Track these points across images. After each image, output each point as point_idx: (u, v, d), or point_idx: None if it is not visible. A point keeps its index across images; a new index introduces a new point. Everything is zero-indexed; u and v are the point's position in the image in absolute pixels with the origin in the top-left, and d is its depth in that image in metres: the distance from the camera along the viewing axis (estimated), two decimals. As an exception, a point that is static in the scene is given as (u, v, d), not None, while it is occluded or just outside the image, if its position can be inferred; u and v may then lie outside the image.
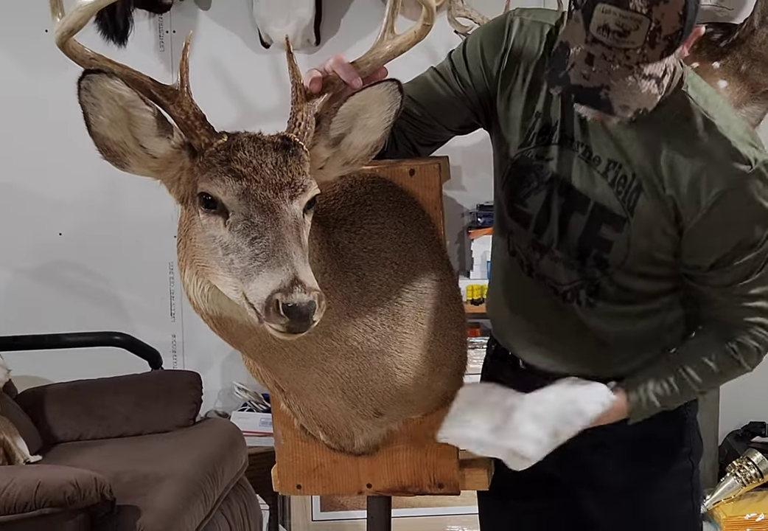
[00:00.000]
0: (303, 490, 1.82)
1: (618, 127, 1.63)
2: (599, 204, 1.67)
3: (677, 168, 1.63)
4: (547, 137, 1.69)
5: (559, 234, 1.72)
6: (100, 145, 1.37)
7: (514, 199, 1.75)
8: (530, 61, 1.70)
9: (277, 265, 1.29)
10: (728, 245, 1.66)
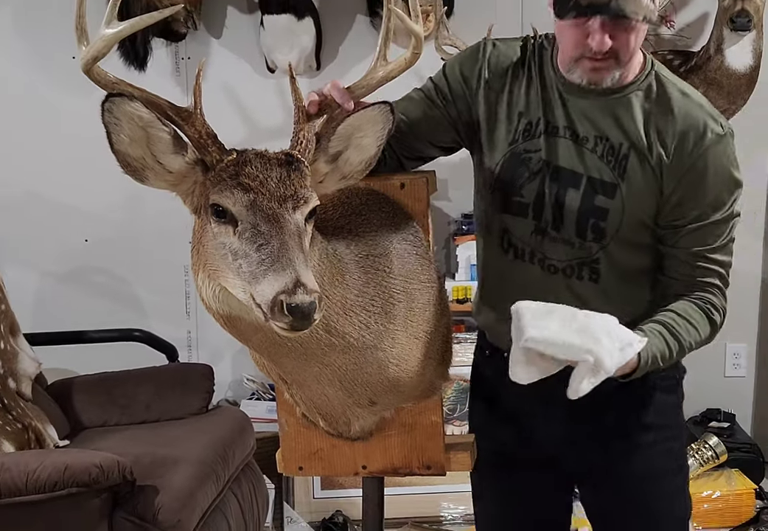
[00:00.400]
0: (304, 471, 1.82)
1: (597, 110, 1.70)
2: (591, 177, 1.70)
3: (663, 131, 1.68)
4: (532, 132, 1.74)
5: (557, 214, 1.73)
6: (121, 161, 1.38)
7: (510, 192, 1.76)
8: (506, 69, 1.78)
9: (281, 268, 1.29)
10: (701, 202, 1.68)
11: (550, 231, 1.75)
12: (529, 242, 1.77)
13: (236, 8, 3.87)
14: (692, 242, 1.71)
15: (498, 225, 1.81)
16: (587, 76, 1.66)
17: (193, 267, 1.47)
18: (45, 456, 2.48)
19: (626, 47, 1.63)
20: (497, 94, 1.78)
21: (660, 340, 1.65)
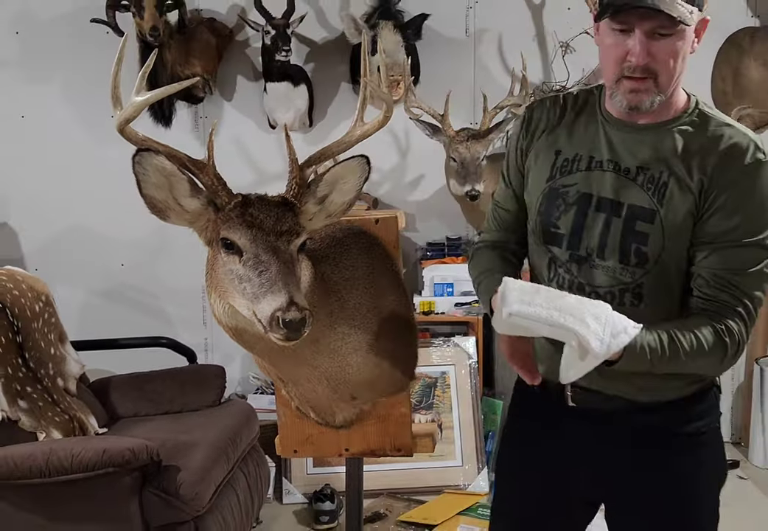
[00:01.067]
0: (299, 453, 1.82)
1: (639, 143, 1.49)
2: (632, 205, 1.48)
3: (706, 155, 1.45)
4: (569, 168, 1.54)
5: (600, 242, 1.51)
6: (148, 203, 1.38)
7: (548, 224, 1.56)
8: (546, 119, 1.60)
9: (278, 290, 1.30)
10: (733, 221, 1.43)
11: (591, 259, 1.52)
12: (569, 271, 1.55)
13: (244, 77, 3.88)
14: (718, 262, 1.44)
15: (539, 256, 1.61)
16: (627, 99, 1.44)
17: (207, 288, 1.47)
18: (87, 442, 2.47)
19: (665, 66, 1.41)
20: (538, 141, 1.60)
21: (655, 338, 1.40)
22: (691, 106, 1.50)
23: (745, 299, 1.44)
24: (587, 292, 1.52)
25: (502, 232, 1.72)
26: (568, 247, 1.54)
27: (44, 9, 3.78)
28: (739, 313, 1.44)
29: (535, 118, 1.61)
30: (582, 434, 1.59)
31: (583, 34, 3.63)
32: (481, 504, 3.21)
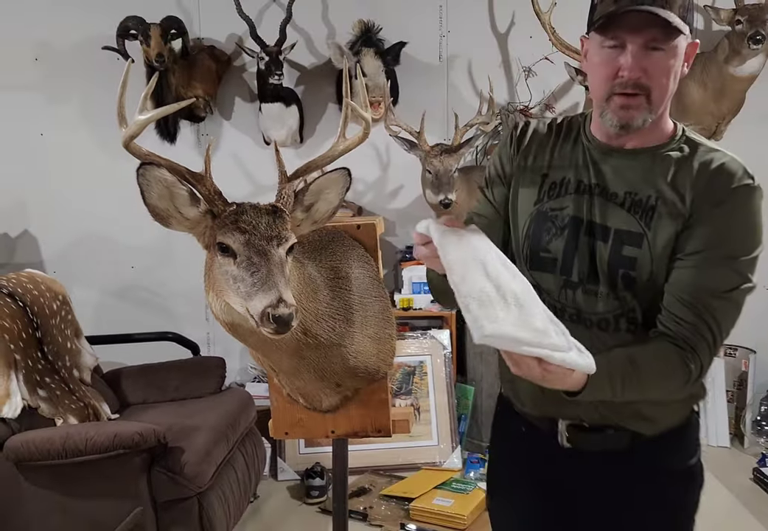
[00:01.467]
0: (289, 435, 1.80)
1: (627, 168, 1.32)
2: (619, 229, 1.30)
3: (695, 178, 1.28)
4: (557, 191, 1.37)
5: (589, 267, 1.33)
6: (151, 211, 1.36)
7: (537, 248, 1.38)
8: (533, 140, 1.42)
9: (268, 289, 1.28)
10: (712, 239, 1.26)
11: (583, 285, 1.34)
12: (560, 298, 1.36)
13: (241, 98, 3.86)
14: (693, 279, 1.26)
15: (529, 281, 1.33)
16: (617, 116, 1.26)
17: (205, 288, 1.46)
18: (100, 426, 2.44)
19: (657, 82, 1.24)
20: (524, 160, 1.42)
21: (618, 364, 1.24)
22: (679, 133, 1.34)
23: (713, 326, 1.26)
24: (580, 319, 1.34)
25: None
26: (561, 272, 1.36)
27: (60, 38, 3.76)
28: (706, 340, 1.26)
29: (528, 133, 1.43)
30: (576, 475, 1.40)
31: (543, 60, 3.65)
32: (455, 479, 3.20)
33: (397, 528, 2.89)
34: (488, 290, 1.14)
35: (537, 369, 1.13)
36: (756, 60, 3.32)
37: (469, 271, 1.17)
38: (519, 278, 1.20)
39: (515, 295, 1.14)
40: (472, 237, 1.25)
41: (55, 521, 2.33)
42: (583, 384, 1.19)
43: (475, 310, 1.11)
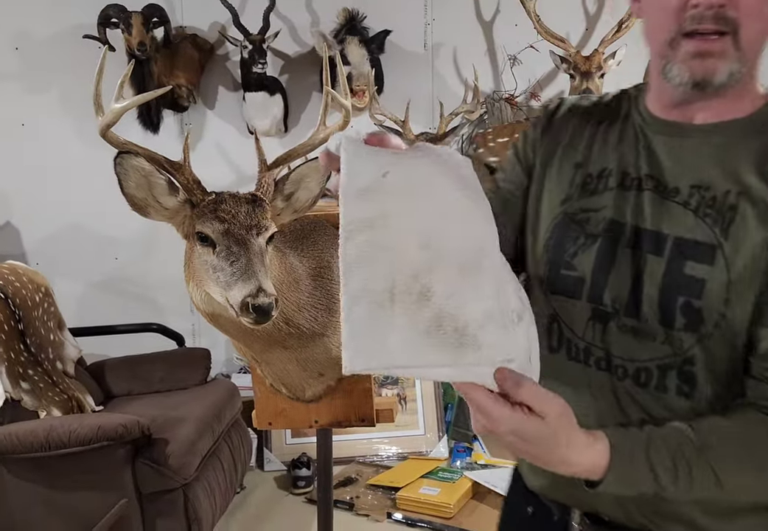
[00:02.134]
0: (273, 425, 1.80)
1: (695, 151, 0.92)
2: (680, 238, 0.90)
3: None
4: (592, 187, 0.98)
5: (630, 292, 0.92)
6: (129, 201, 1.36)
7: (558, 263, 0.99)
8: (569, 119, 1.05)
9: (247, 279, 1.28)
10: None
11: (619, 317, 0.93)
12: (585, 335, 0.96)
13: (225, 87, 3.83)
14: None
15: (546, 311, 1.00)
16: (689, 69, 0.87)
17: (185, 278, 1.45)
18: (84, 418, 2.43)
19: (750, 13, 0.83)
20: (553, 148, 1.04)
21: (674, 436, 0.84)
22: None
23: None
24: (611, 367, 0.94)
25: None
26: (589, 297, 0.95)
27: (41, 26, 3.71)
28: None
29: (560, 111, 1.07)
30: None
31: (528, 48, 3.65)
32: (441, 468, 3.22)
33: (383, 517, 2.90)
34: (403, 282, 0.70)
35: (479, 420, 0.76)
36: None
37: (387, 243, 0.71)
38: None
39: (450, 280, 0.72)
40: (417, 170, 0.74)
41: (38, 514, 2.32)
42: (604, 468, 0.81)
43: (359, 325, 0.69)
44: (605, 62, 3.28)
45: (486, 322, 0.71)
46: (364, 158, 0.72)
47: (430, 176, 0.73)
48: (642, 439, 0.83)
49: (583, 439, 0.80)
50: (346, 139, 0.73)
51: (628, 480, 0.82)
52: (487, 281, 0.72)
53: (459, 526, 2.80)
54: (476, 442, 3.41)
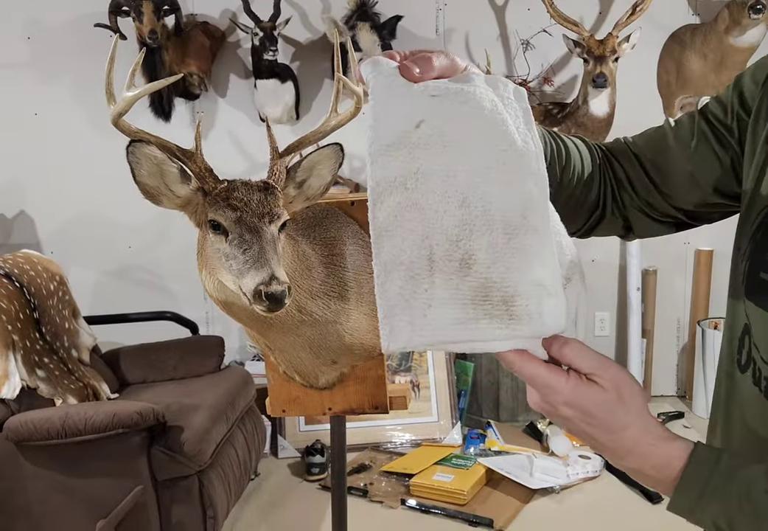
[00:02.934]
0: (286, 413, 1.79)
1: None
2: None
3: None
4: None
5: None
6: (142, 189, 1.35)
7: (760, 263, 0.75)
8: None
9: (260, 266, 1.28)
10: None
11: None
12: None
13: (236, 75, 3.83)
14: None
15: (738, 316, 0.78)
16: None
17: (198, 266, 1.45)
18: (99, 406, 2.45)
19: None
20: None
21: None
22: None
23: None
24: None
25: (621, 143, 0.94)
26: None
27: (52, 16, 3.72)
28: None
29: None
30: None
31: (541, 33, 3.61)
32: (455, 455, 3.22)
33: (397, 504, 2.91)
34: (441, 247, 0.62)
35: (533, 394, 0.69)
36: (756, 30, 3.29)
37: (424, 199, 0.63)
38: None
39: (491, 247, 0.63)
40: (457, 119, 0.65)
41: (55, 501, 2.34)
42: (678, 470, 0.66)
43: (395, 297, 0.63)
44: (619, 46, 3.24)
45: (535, 290, 0.63)
46: (395, 103, 0.63)
47: (473, 125, 0.64)
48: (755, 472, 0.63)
49: (659, 428, 0.67)
50: (376, 72, 0.64)
51: (702, 496, 0.64)
52: (535, 244, 0.64)
53: (473, 512, 2.81)
54: (490, 428, 3.42)
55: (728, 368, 0.78)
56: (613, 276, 3.92)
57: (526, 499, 2.93)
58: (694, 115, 0.87)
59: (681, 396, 3.98)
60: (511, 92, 0.67)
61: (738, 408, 0.77)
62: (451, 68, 0.67)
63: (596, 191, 0.90)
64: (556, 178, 0.84)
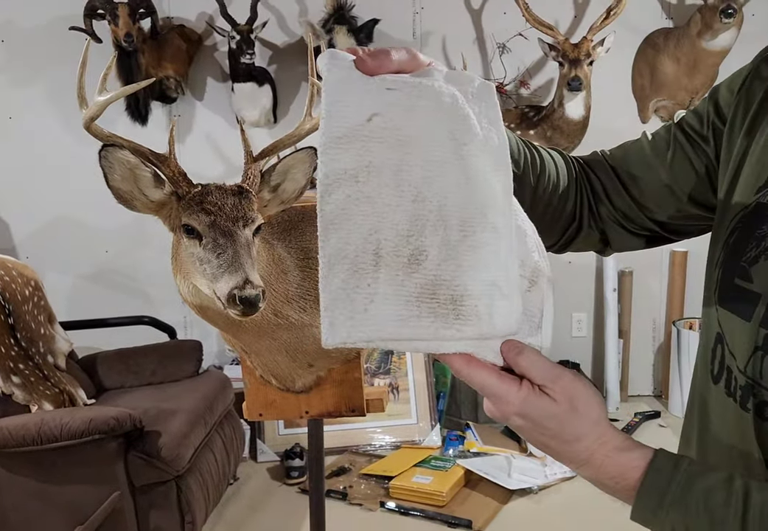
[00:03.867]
0: (263, 417, 1.79)
1: None
2: None
3: None
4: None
5: None
6: (115, 194, 1.35)
7: (732, 270, 0.74)
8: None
9: (234, 271, 1.28)
10: None
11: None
12: (747, 367, 0.70)
13: (213, 78, 3.82)
14: None
15: (711, 326, 0.77)
16: None
17: (173, 271, 1.45)
18: (76, 412, 2.43)
19: None
20: (757, 116, 0.77)
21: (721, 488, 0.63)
22: None
23: None
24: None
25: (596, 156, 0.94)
26: (762, 321, 0.69)
27: (27, 19, 3.69)
28: None
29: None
30: None
31: (517, 36, 3.64)
32: (434, 456, 3.23)
33: (376, 506, 2.91)
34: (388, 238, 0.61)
35: (486, 403, 0.67)
36: (728, 34, 3.33)
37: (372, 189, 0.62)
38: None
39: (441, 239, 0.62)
40: (413, 113, 0.63)
41: (32, 507, 2.32)
42: (635, 481, 0.65)
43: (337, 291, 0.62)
44: (594, 49, 3.27)
45: (490, 290, 0.61)
46: (347, 95, 0.60)
47: (430, 119, 0.61)
48: (716, 479, 0.63)
49: (617, 438, 0.66)
50: (331, 64, 0.61)
51: (660, 511, 0.63)
52: (493, 242, 0.62)
53: (452, 513, 2.81)
54: (468, 430, 3.43)
55: (702, 380, 0.78)
56: (590, 277, 3.95)
57: (505, 499, 2.94)
58: (670, 127, 0.87)
59: (657, 395, 4.02)
60: (476, 87, 0.65)
61: (713, 421, 0.76)
62: (412, 63, 0.66)
63: (573, 203, 0.89)
64: (532, 187, 0.84)
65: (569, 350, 3.94)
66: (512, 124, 3.50)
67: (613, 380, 3.83)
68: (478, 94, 0.65)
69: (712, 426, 0.76)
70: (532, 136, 3.44)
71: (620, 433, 0.67)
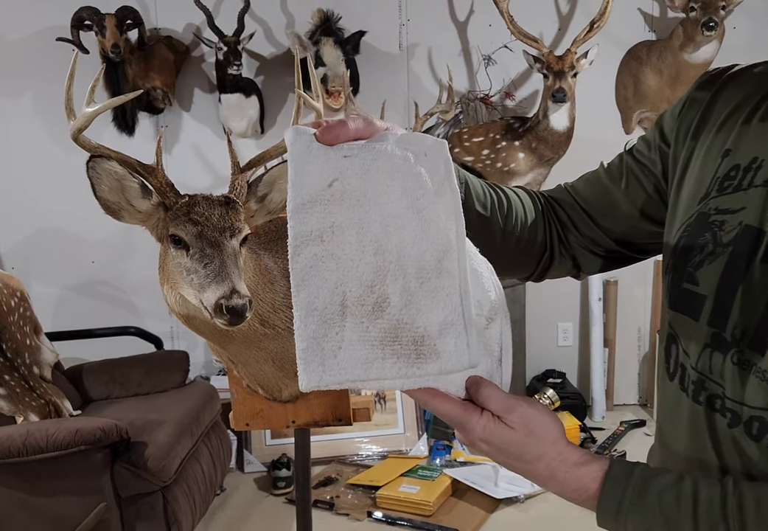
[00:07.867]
0: (250, 426, 1.80)
1: None
2: None
3: None
4: (737, 182, 0.77)
5: (759, 320, 0.70)
6: (102, 205, 1.36)
7: (681, 274, 0.79)
8: (725, 94, 0.85)
9: (221, 281, 1.29)
10: None
11: (740, 349, 0.71)
12: (699, 365, 0.76)
13: (200, 89, 3.83)
14: None
15: (665, 328, 0.83)
16: None
17: (160, 281, 1.46)
18: (61, 423, 2.42)
19: None
20: (701, 129, 0.84)
21: (691, 494, 0.67)
22: None
23: None
24: (723, 409, 0.73)
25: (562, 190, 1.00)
26: (710, 320, 0.74)
27: (13, 29, 3.69)
28: None
29: (717, 84, 0.88)
30: None
31: (502, 48, 3.67)
32: (421, 466, 3.24)
33: (363, 516, 2.91)
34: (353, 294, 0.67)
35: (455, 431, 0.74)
36: (710, 46, 3.38)
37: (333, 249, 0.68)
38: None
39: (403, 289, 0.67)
40: (369, 174, 0.68)
41: (18, 519, 2.31)
42: (594, 492, 0.70)
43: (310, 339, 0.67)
44: (578, 62, 3.30)
45: (446, 330, 0.67)
46: (310, 165, 0.67)
47: (384, 179, 0.68)
48: (667, 481, 0.69)
49: (575, 454, 0.72)
50: (293, 139, 0.68)
51: (619, 517, 0.69)
52: (448, 286, 0.68)
53: (439, 523, 2.82)
54: (455, 439, 3.43)
55: (661, 379, 0.83)
56: (576, 287, 3.97)
57: (492, 508, 2.95)
58: (623, 156, 0.96)
59: (643, 404, 4.04)
60: (429, 146, 0.70)
61: (670, 416, 0.82)
62: (369, 129, 0.71)
63: (542, 234, 0.96)
64: (500, 226, 0.91)
65: (555, 359, 3.96)
66: (497, 136, 3.52)
67: (598, 389, 3.85)
68: (431, 153, 0.70)
69: (669, 421, 0.82)
70: (517, 147, 3.47)
71: (578, 450, 0.73)
